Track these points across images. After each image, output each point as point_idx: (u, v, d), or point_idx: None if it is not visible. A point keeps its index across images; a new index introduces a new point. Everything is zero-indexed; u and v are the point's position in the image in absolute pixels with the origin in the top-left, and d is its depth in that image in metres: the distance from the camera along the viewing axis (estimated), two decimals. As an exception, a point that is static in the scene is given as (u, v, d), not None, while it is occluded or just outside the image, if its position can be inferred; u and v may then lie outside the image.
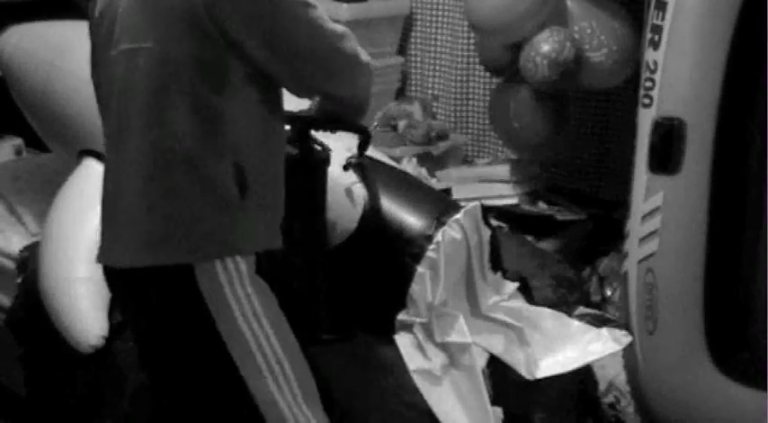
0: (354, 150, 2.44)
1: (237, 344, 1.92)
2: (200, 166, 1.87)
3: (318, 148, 2.25)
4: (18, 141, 3.73)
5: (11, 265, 2.99)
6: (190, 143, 1.86)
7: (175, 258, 1.89)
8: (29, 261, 2.87)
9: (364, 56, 2.04)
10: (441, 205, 2.58)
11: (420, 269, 2.39)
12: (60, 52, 2.87)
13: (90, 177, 2.61)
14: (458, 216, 2.47)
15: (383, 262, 2.48)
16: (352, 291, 2.53)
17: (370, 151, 2.72)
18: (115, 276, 2.02)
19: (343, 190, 2.48)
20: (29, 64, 2.96)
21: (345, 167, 2.45)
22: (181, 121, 1.85)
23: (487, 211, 2.62)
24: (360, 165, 2.49)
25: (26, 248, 2.96)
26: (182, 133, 1.86)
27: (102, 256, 2.00)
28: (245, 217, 1.92)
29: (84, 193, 2.66)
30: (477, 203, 2.57)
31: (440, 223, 2.45)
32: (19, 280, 2.89)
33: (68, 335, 2.51)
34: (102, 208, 2.01)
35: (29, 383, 2.88)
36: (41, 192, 3.08)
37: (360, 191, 2.50)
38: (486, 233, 2.56)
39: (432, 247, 2.41)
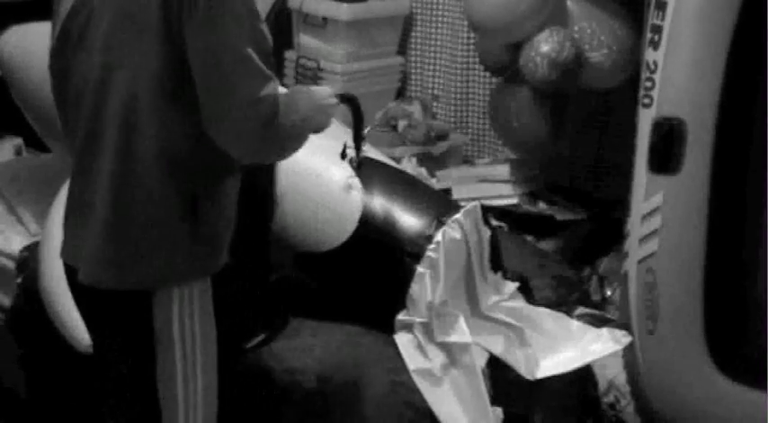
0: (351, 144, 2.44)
1: (166, 362, 1.95)
2: (162, 196, 1.86)
3: None
4: (18, 141, 3.73)
5: (11, 265, 2.99)
6: (153, 172, 1.85)
7: (138, 284, 1.90)
8: (29, 261, 2.87)
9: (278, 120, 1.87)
10: (440, 205, 2.58)
11: (420, 269, 2.39)
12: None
13: None
14: (458, 216, 2.47)
15: (383, 262, 2.49)
16: (352, 291, 2.54)
17: (371, 151, 2.72)
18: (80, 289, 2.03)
19: (340, 190, 2.48)
20: (29, 64, 2.96)
21: (343, 155, 2.44)
22: (148, 145, 1.84)
23: (487, 211, 2.62)
24: (359, 164, 2.49)
25: (26, 248, 2.96)
26: (147, 159, 1.84)
27: (69, 258, 2.02)
28: (201, 245, 1.92)
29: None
30: (476, 203, 2.57)
31: (440, 223, 2.45)
32: (19, 280, 2.89)
33: (68, 335, 2.51)
34: (67, 220, 2.02)
35: (29, 384, 2.88)
36: (41, 192, 3.08)
37: (359, 191, 2.50)
38: (486, 233, 2.56)
39: (431, 246, 2.41)
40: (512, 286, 2.62)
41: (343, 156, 2.44)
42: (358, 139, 2.41)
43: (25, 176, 3.34)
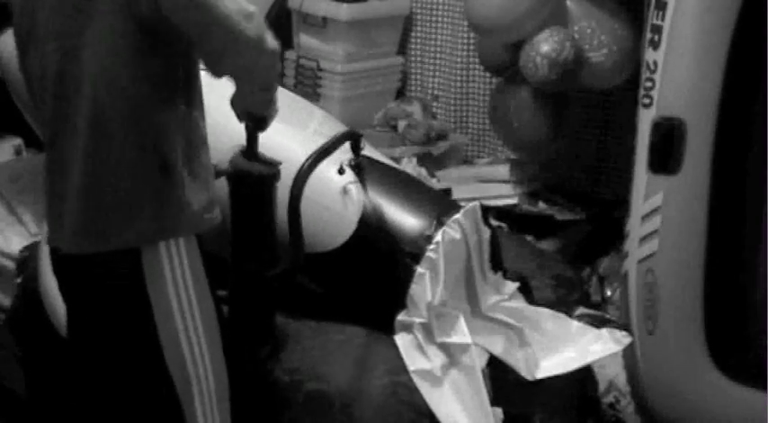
0: (349, 153, 2.45)
1: (168, 330, 1.99)
2: (133, 152, 1.92)
3: (263, 165, 2.25)
4: (18, 141, 3.72)
5: (11, 265, 2.99)
6: (122, 136, 1.91)
7: (123, 243, 1.95)
8: (29, 261, 2.87)
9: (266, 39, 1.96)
10: (440, 205, 2.58)
11: (420, 269, 2.39)
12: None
13: None
14: (457, 216, 2.47)
15: (383, 262, 2.48)
16: (351, 292, 2.53)
17: (370, 151, 2.72)
18: (61, 259, 2.07)
19: (339, 191, 2.48)
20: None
21: (340, 171, 2.45)
22: (114, 113, 1.90)
23: (487, 211, 2.62)
24: (358, 165, 2.49)
25: (26, 248, 2.96)
26: (116, 131, 1.90)
27: (51, 242, 2.06)
28: (179, 198, 1.98)
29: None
30: (476, 203, 2.56)
31: (439, 223, 2.45)
32: (19, 280, 2.89)
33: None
34: (46, 195, 2.07)
35: (29, 383, 2.88)
36: (41, 192, 3.08)
37: (359, 192, 2.50)
38: (486, 233, 2.56)
39: (431, 247, 2.41)
40: (512, 286, 2.62)
41: (341, 172, 2.45)
42: (356, 150, 2.47)
43: (25, 176, 3.34)
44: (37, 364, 2.83)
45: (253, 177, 2.22)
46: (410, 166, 3.54)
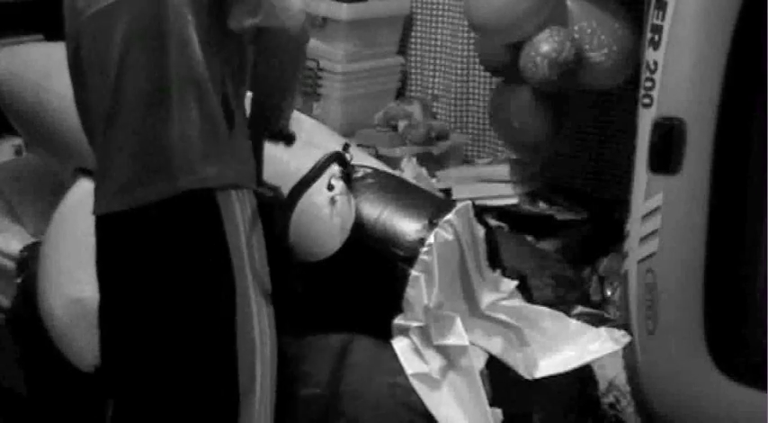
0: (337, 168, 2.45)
1: (241, 281, 2.02)
2: (208, 99, 1.98)
3: (267, 191, 2.25)
4: (18, 141, 3.71)
5: (11, 265, 2.99)
6: (198, 75, 1.98)
7: (204, 183, 1.99)
8: (29, 261, 2.87)
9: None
10: (432, 207, 2.56)
11: (414, 272, 2.39)
12: (47, 74, 2.85)
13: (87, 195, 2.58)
14: (449, 216, 2.46)
15: (377, 267, 2.47)
16: (347, 298, 2.52)
17: (360, 157, 2.72)
18: (121, 220, 2.06)
19: (329, 202, 2.47)
20: (18, 85, 2.95)
21: (329, 188, 2.45)
22: (186, 53, 1.97)
23: (482, 210, 2.61)
24: (348, 175, 2.49)
25: (26, 248, 2.96)
26: (190, 65, 1.97)
27: (136, 196, 2.03)
28: (243, 147, 2.06)
29: (82, 212, 2.63)
30: (468, 202, 2.56)
31: (432, 225, 2.44)
32: (18, 280, 2.89)
33: (69, 353, 2.51)
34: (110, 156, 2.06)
35: (29, 383, 2.88)
36: (41, 192, 3.08)
37: (349, 200, 2.49)
38: (480, 231, 2.56)
39: (424, 249, 2.40)
40: (511, 284, 2.61)
41: (330, 188, 2.45)
42: (343, 165, 2.49)
43: (25, 176, 3.33)
44: (36, 364, 2.83)
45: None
46: (410, 166, 3.54)
